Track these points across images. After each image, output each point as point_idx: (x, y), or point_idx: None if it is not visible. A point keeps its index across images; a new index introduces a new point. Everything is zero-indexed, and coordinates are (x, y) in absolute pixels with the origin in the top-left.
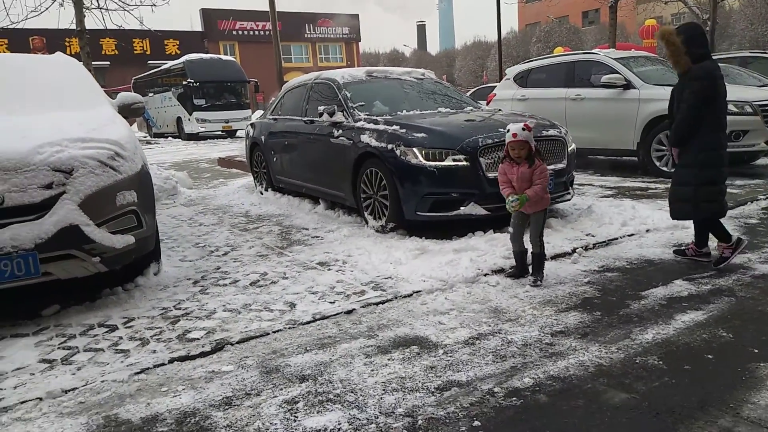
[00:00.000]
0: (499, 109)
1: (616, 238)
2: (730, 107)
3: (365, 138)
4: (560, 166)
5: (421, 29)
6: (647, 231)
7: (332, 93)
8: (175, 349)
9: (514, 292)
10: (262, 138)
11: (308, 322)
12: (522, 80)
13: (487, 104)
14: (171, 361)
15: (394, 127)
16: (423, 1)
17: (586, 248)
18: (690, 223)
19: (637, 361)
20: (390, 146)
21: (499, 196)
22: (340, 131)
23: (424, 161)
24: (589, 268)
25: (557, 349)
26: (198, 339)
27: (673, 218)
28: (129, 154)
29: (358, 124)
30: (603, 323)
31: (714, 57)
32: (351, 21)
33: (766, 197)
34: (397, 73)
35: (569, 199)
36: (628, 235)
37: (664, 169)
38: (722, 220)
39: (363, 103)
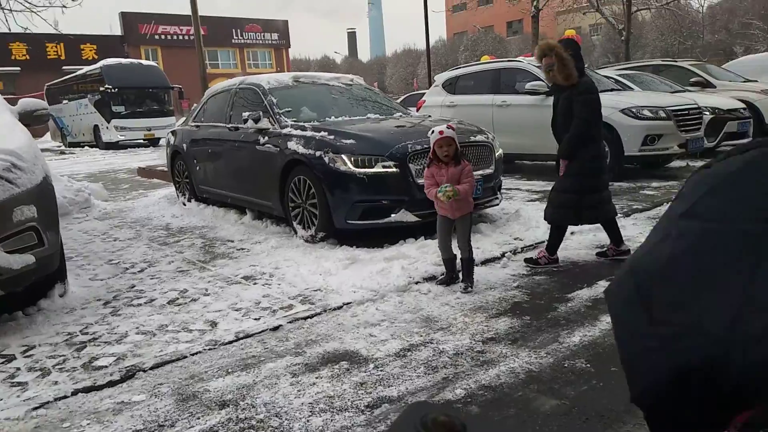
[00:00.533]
0: (429, 116)
1: (543, 241)
2: (645, 112)
3: (293, 145)
4: (488, 171)
5: (352, 36)
6: (572, 233)
7: (258, 99)
8: (80, 379)
9: (445, 299)
10: (184, 146)
11: (230, 342)
12: (451, 87)
13: (417, 110)
14: (75, 393)
15: (323, 133)
16: (354, 9)
17: (514, 252)
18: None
19: (566, 366)
20: (318, 153)
21: (429, 202)
22: (267, 138)
23: (354, 168)
24: (518, 272)
25: (488, 356)
26: (106, 367)
27: (549, 222)
28: (28, 165)
29: (285, 130)
30: (532, 327)
31: (628, 65)
32: (280, 27)
33: None
34: (325, 78)
35: (497, 204)
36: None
37: None
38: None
39: (290, 109)
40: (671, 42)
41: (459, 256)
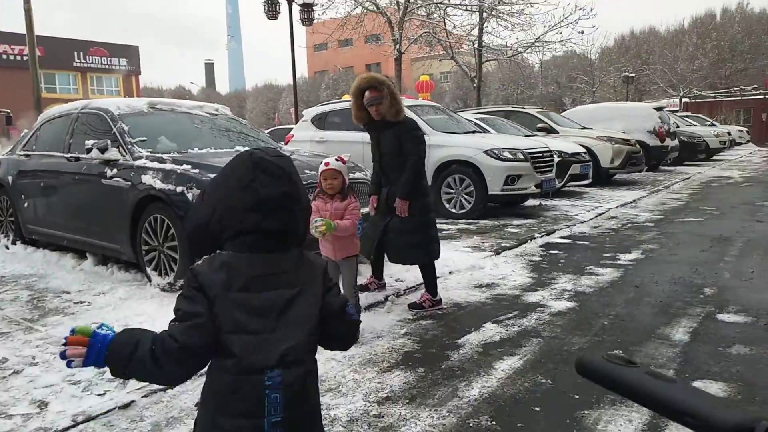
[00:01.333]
0: (299, 150)
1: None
2: (506, 154)
3: (148, 179)
4: (367, 209)
5: (210, 67)
6: (450, 273)
7: (105, 125)
8: None
9: (331, 353)
10: (9, 179)
11: (67, 429)
12: (320, 122)
13: (285, 145)
14: None
15: (186, 166)
16: (211, 39)
17: (397, 295)
18: (474, 261)
19: (471, 425)
20: (180, 189)
21: (317, 243)
22: (115, 170)
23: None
24: (403, 317)
25: (387, 420)
26: None
27: (407, 263)
28: None
29: (139, 162)
30: (428, 381)
31: (482, 110)
32: (130, 52)
33: (542, 235)
34: (186, 106)
35: None
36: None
37: (453, 210)
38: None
39: (145, 139)
40: (511, 92)
41: None
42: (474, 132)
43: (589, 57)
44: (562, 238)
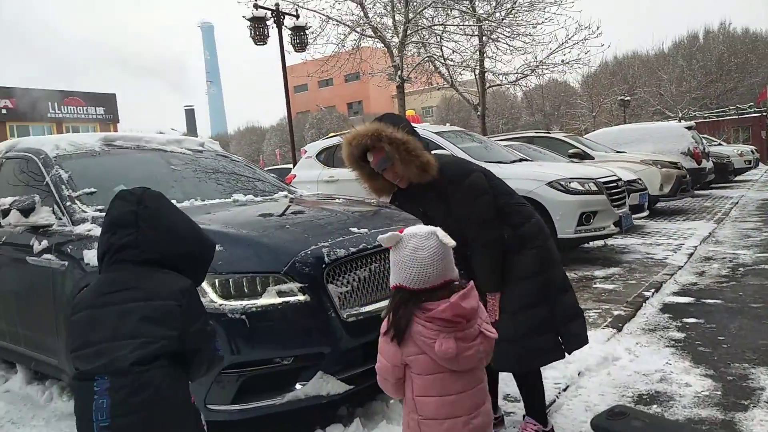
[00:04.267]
0: (331, 196)
1: (554, 401)
2: (575, 185)
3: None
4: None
5: (190, 113)
6: (579, 374)
7: (35, 173)
8: None
9: None
10: None
11: None
12: (327, 158)
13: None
14: None
15: None
16: (192, 85)
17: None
18: (599, 348)
19: None
20: None
21: (367, 352)
22: (46, 242)
23: (221, 301)
24: None
25: None
26: None
27: (498, 369)
28: None
29: (82, 228)
30: None
31: (502, 137)
32: (107, 100)
33: (651, 293)
34: (158, 142)
35: None
36: (563, 390)
37: None
38: None
39: (93, 190)
40: (495, 122)
41: None
42: (521, 160)
43: (571, 85)
44: (677, 295)
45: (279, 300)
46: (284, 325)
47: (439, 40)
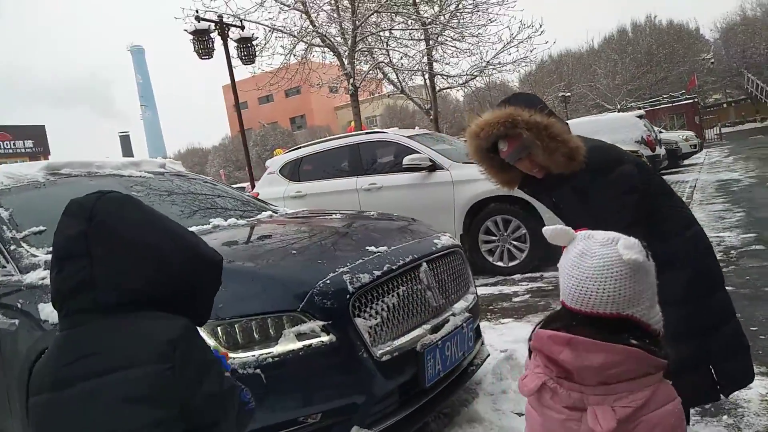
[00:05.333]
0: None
1: None
2: None
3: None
4: (470, 298)
5: (126, 140)
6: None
7: None
8: None
9: None
10: None
11: None
12: (292, 173)
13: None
14: None
15: None
16: (124, 111)
17: None
18: None
19: None
20: None
21: (403, 395)
22: None
23: (225, 349)
24: None
25: None
26: None
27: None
28: None
29: (35, 275)
30: None
31: (463, 139)
32: (36, 132)
33: None
34: (111, 166)
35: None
36: None
37: (500, 264)
38: None
39: (44, 228)
40: (440, 126)
41: None
42: None
43: (511, 86)
44: None
45: (299, 344)
46: (308, 375)
47: (386, 45)
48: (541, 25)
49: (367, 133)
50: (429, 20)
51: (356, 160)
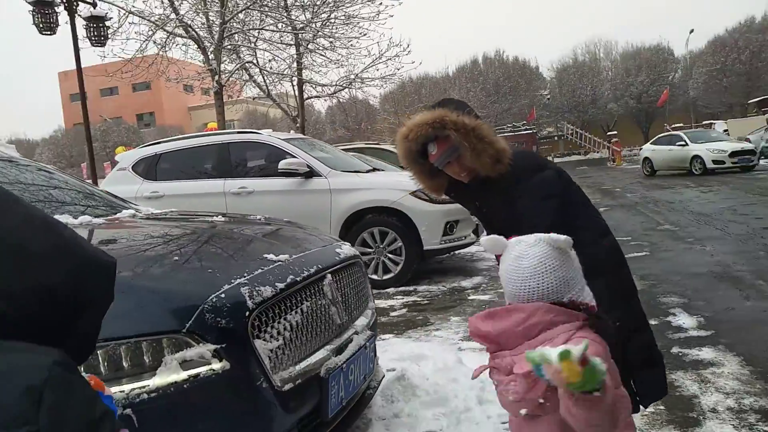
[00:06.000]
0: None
1: None
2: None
3: None
4: (369, 314)
5: None
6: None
7: None
8: None
9: None
10: None
11: None
12: (147, 171)
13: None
14: None
15: None
16: None
17: None
18: None
19: None
20: None
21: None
22: None
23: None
24: None
25: None
26: None
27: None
28: None
29: None
30: None
31: (342, 147)
32: None
33: None
34: None
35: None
36: None
37: (375, 277)
38: None
39: None
40: (343, 133)
41: None
42: (375, 170)
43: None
44: None
45: (183, 375)
46: (195, 414)
47: (254, 45)
48: (408, 45)
49: (238, 133)
50: (300, 25)
51: (225, 161)
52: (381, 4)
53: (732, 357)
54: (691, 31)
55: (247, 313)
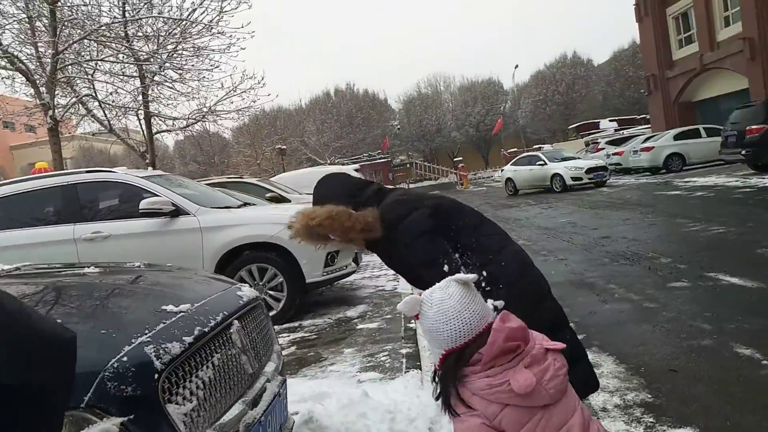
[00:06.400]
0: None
1: None
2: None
3: None
4: (275, 364)
5: None
6: None
7: None
8: None
9: None
10: None
11: None
12: None
13: None
14: None
15: None
16: None
17: None
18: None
19: None
20: None
21: None
22: None
23: None
24: None
25: None
26: None
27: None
28: None
29: None
30: None
31: (209, 182)
32: None
33: (410, 322)
34: None
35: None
36: None
37: None
38: None
39: None
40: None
41: None
42: (246, 204)
43: (223, 135)
44: None
45: None
46: None
47: (92, 77)
48: (263, 77)
49: (87, 172)
50: (144, 56)
51: (72, 204)
52: (232, 36)
53: (606, 357)
54: (516, 66)
55: (156, 376)
